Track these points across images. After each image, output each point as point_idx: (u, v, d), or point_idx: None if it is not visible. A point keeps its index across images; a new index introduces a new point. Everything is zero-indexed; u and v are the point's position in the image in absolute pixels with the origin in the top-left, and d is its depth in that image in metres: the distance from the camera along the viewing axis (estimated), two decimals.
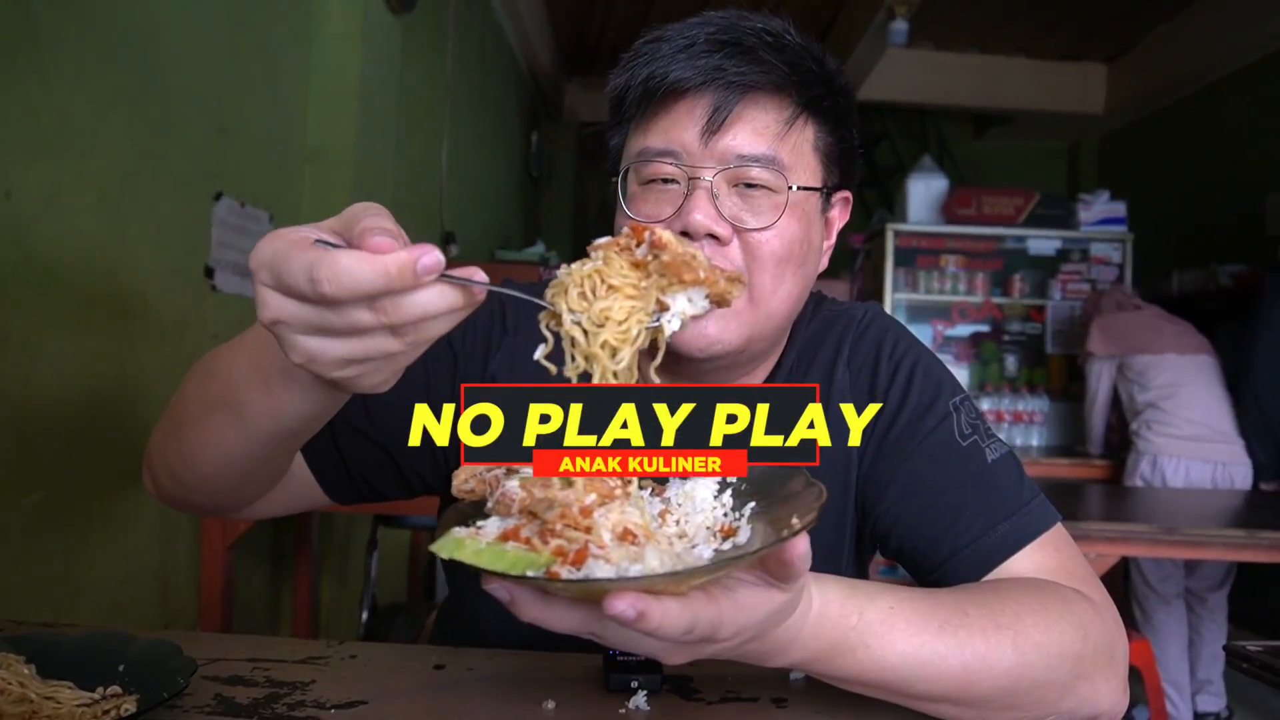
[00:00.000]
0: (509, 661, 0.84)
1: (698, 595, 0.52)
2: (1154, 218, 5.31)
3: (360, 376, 0.55)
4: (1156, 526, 2.07)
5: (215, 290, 2.08)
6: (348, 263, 0.48)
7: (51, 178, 1.53)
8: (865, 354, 0.93)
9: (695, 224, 0.80)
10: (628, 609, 0.48)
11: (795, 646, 0.63)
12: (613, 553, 0.51)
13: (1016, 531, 0.82)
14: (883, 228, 4.82)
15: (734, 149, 0.82)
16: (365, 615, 2.54)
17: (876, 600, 0.67)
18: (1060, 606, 0.75)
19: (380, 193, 2.84)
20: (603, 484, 0.55)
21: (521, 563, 0.50)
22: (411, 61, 3.16)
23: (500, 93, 5.06)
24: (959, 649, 0.68)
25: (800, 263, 0.86)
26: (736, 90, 0.82)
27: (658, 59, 0.83)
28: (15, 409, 1.47)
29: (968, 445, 0.86)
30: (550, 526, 0.53)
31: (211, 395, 0.74)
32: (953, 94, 6.29)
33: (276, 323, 0.53)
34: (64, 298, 1.58)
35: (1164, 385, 3.50)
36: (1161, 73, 5.77)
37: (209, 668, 0.79)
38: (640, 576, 0.49)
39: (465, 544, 0.52)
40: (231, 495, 0.82)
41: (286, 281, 0.50)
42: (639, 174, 0.85)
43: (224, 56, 2.07)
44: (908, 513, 0.86)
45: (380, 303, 0.50)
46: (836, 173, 0.90)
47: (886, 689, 0.69)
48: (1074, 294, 4.68)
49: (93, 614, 1.68)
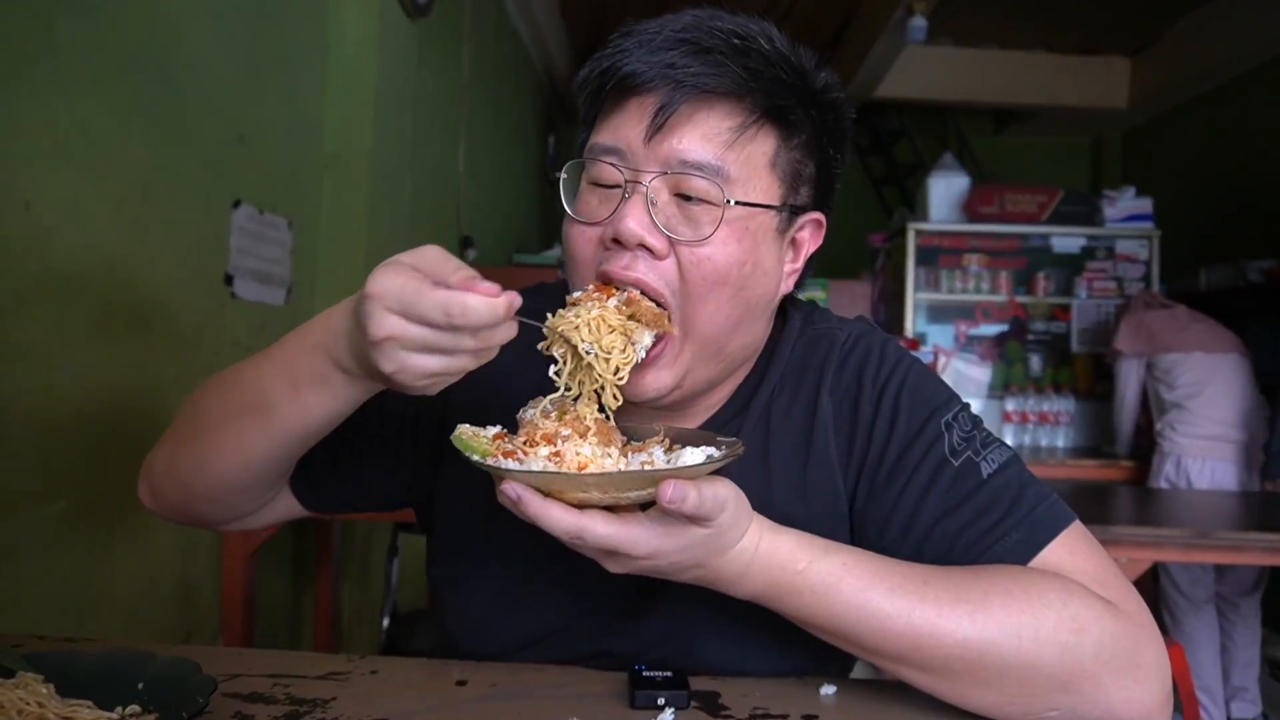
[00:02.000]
0: (533, 677, 0.83)
1: (600, 513, 0.67)
2: (1180, 214, 5.23)
3: (430, 386, 0.68)
4: (1190, 531, 2.03)
5: (235, 298, 2.08)
6: (475, 303, 0.63)
7: (70, 188, 1.53)
8: (848, 383, 0.89)
9: (627, 231, 0.77)
10: (510, 491, 0.66)
11: (745, 579, 0.73)
12: (536, 461, 0.68)
13: (1025, 542, 0.79)
14: (903, 227, 4.77)
15: (677, 152, 0.78)
16: (386, 622, 2.54)
17: (831, 555, 0.75)
18: (1049, 595, 0.74)
19: (397, 197, 2.84)
20: (579, 425, 0.72)
21: (478, 450, 0.69)
22: (427, 66, 3.16)
23: (516, 95, 5.06)
24: (907, 611, 0.73)
25: (739, 286, 0.80)
26: (688, 91, 0.77)
27: (620, 53, 0.80)
28: (36, 419, 1.47)
29: (961, 464, 0.83)
30: (529, 438, 0.71)
31: (236, 402, 0.82)
32: (973, 90, 6.23)
33: (389, 338, 0.64)
34: (84, 307, 1.58)
35: (1190, 384, 3.45)
36: (1187, 66, 5.69)
37: (229, 684, 0.79)
38: (533, 472, 0.66)
39: (462, 436, 0.71)
40: (238, 499, 0.89)
41: (419, 311, 0.63)
42: (587, 171, 0.83)
43: (241, 64, 2.07)
44: (906, 546, 0.82)
45: (481, 333, 0.64)
46: (805, 192, 0.85)
47: (839, 636, 0.75)
48: (1100, 292, 4.62)
49: (115, 624, 1.69)
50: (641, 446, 0.75)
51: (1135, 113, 6.37)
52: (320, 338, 0.75)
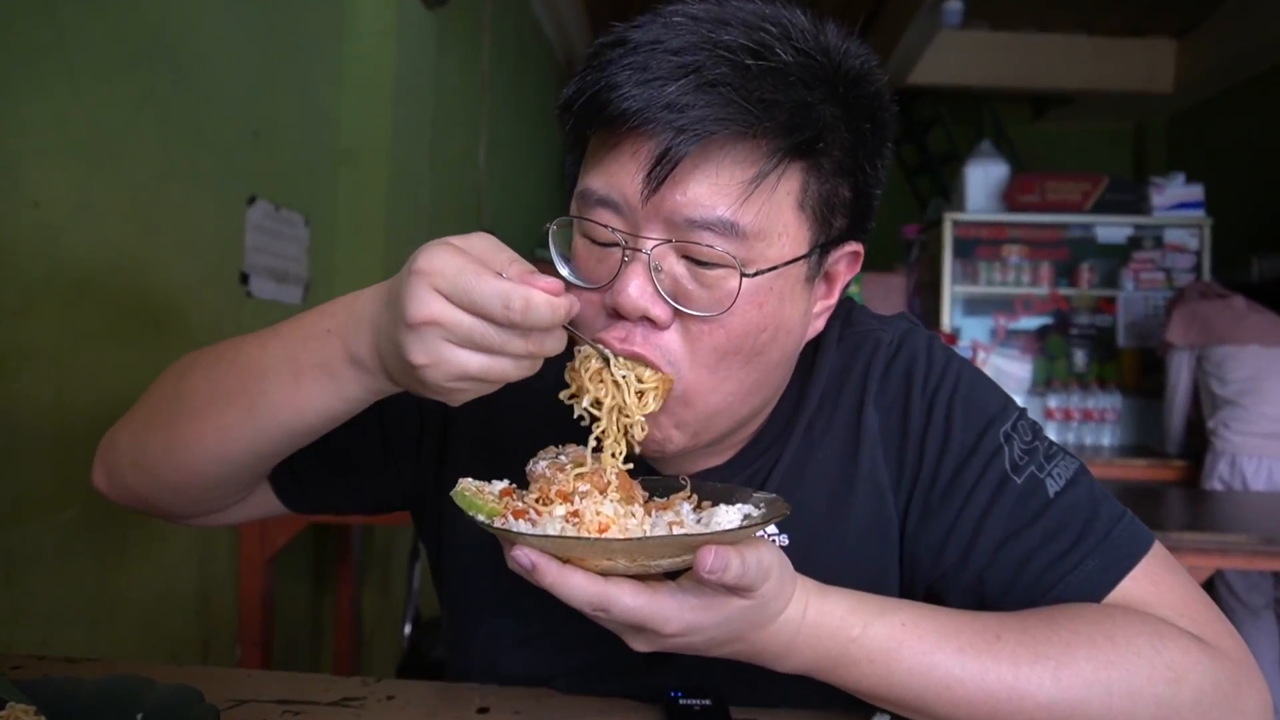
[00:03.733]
0: (560, 705, 0.78)
1: (628, 582, 0.59)
2: (1230, 201, 5.08)
3: (460, 391, 0.62)
4: (1254, 537, 1.95)
5: (250, 297, 2.06)
6: (539, 299, 0.57)
7: (80, 185, 1.51)
8: (895, 391, 0.81)
9: (628, 303, 0.67)
10: (523, 558, 0.58)
11: (792, 653, 0.66)
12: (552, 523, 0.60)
13: (1102, 572, 0.73)
14: (940, 217, 4.69)
15: (681, 209, 0.65)
16: (409, 629, 2.52)
17: (888, 616, 0.67)
18: (1138, 641, 0.67)
19: (417, 193, 2.81)
20: (599, 479, 0.65)
21: (483, 509, 0.62)
22: (446, 58, 3.13)
23: (538, 87, 5.02)
24: (980, 675, 0.66)
25: (755, 353, 0.70)
26: (691, 139, 0.64)
27: (608, 79, 0.66)
28: (45, 424, 1.45)
29: (1024, 481, 0.76)
30: (542, 495, 0.64)
31: (225, 385, 0.74)
32: (1010, 76, 6.10)
33: (432, 322, 0.58)
34: (95, 308, 1.56)
35: (1244, 379, 3.35)
36: (1236, 46, 5.53)
37: (235, 711, 0.75)
38: (550, 536, 0.58)
39: (465, 493, 0.64)
40: (209, 494, 0.81)
41: (475, 298, 0.57)
42: (578, 223, 0.71)
43: (255, 57, 2.05)
44: (966, 573, 0.76)
45: (535, 336, 0.59)
46: (840, 222, 0.73)
47: (905, 707, 0.68)
48: (1147, 284, 4.50)
49: (129, 634, 1.67)
50: (666, 504, 0.68)
51: (1181, 97, 6.21)
52: (338, 321, 0.67)
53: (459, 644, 0.89)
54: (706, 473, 0.82)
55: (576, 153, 0.74)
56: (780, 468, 0.81)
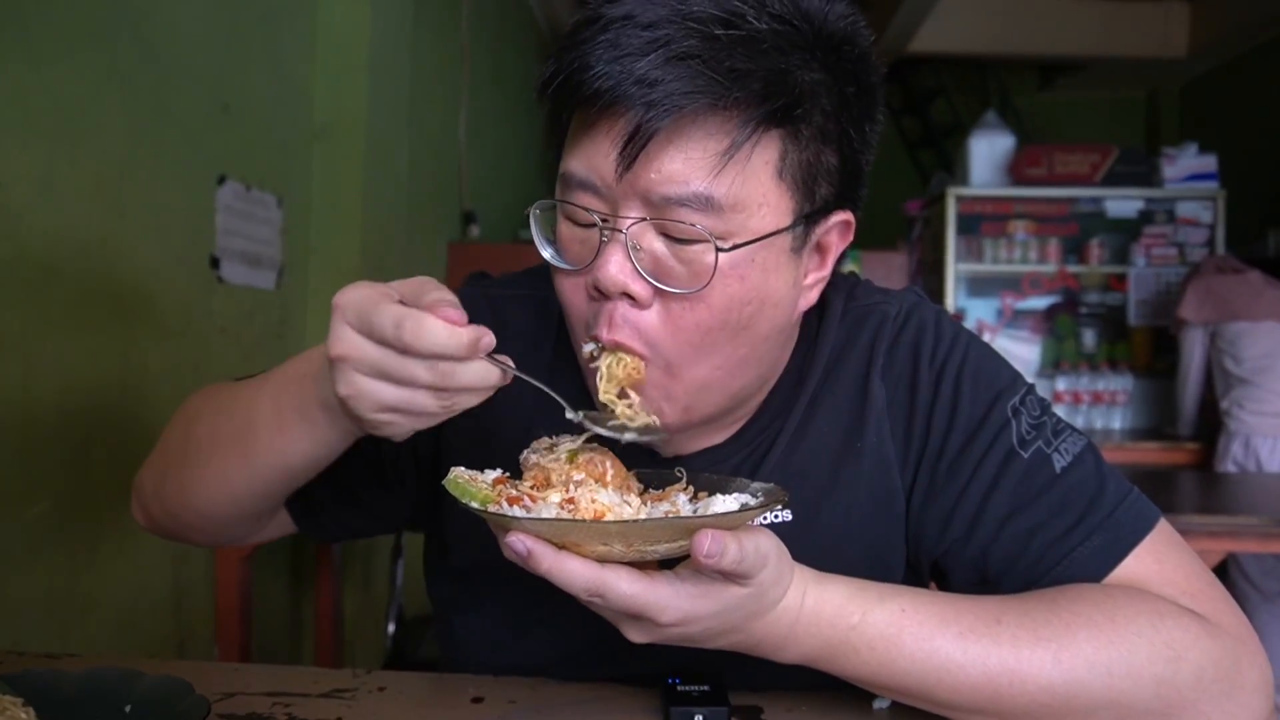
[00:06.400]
0: (556, 694, 0.81)
1: (626, 569, 0.61)
2: (1245, 173, 5.12)
3: (388, 424, 0.65)
4: (1268, 519, 1.99)
5: (221, 282, 2.07)
6: (430, 323, 0.59)
7: (43, 165, 1.52)
8: (902, 364, 0.84)
9: (607, 280, 0.70)
10: (518, 544, 0.59)
11: (791, 643, 0.68)
12: (547, 509, 0.63)
13: (1107, 548, 0.76)
14: (942, 192, 4.71)
15: (655, 186, 0.68)
16: (392, 628, 2.54)
17: (887, 602, 0.70)
18: (1139, 621, 0.70)
19: (395, 170, 2.81)
20: (594, 468, 0.68)
21: (476, 496, 0.63)
22: (424, 27, 3.12)
23: (521, 59, 5.01)
24: (981, 658, 0.69)
25: (741, 326, 0.72)
26: (663, 114, 0.66)
27: (582, 59, 0.68)
28: (13, 415, 1.46)
29: (1031, 456, 0.79)
30: (537, 483, 0.67)
31: (225, 434, 0.80)
32: (1016, 42, 6.11)
33: (343, 357, 0.62)
34: (61, 294, 1.57)
35: (1259, 357, 3.39)
36: (1254, 8, 5.55)
37: (224, 704, 0.77)
38: (545, 520, 0.60)
39: (458, 481, 0.65)
40: (226, 530, 0.89)
41: (372, 323, 0.61)
42: (560, 207, 0.75)
43: (224, 29, 2.05)
44: (971, 547, 0.79)
45: (440, 365, 0.60)
46: (825, 190, 0.74)
47: (907, 694, 0.71)
48: (1160, 260, 4.53)
49: (103, 634, 1.68)
50: (662, 495, 0.71)
51: (1196, 62, 6.24)
52: (313, 365, 0.72)
53: (452, 636, 0.91)
54: (708, 451, 0.84)
55: (558, 135, 0.76)
56: (781, 441, 0.84)
